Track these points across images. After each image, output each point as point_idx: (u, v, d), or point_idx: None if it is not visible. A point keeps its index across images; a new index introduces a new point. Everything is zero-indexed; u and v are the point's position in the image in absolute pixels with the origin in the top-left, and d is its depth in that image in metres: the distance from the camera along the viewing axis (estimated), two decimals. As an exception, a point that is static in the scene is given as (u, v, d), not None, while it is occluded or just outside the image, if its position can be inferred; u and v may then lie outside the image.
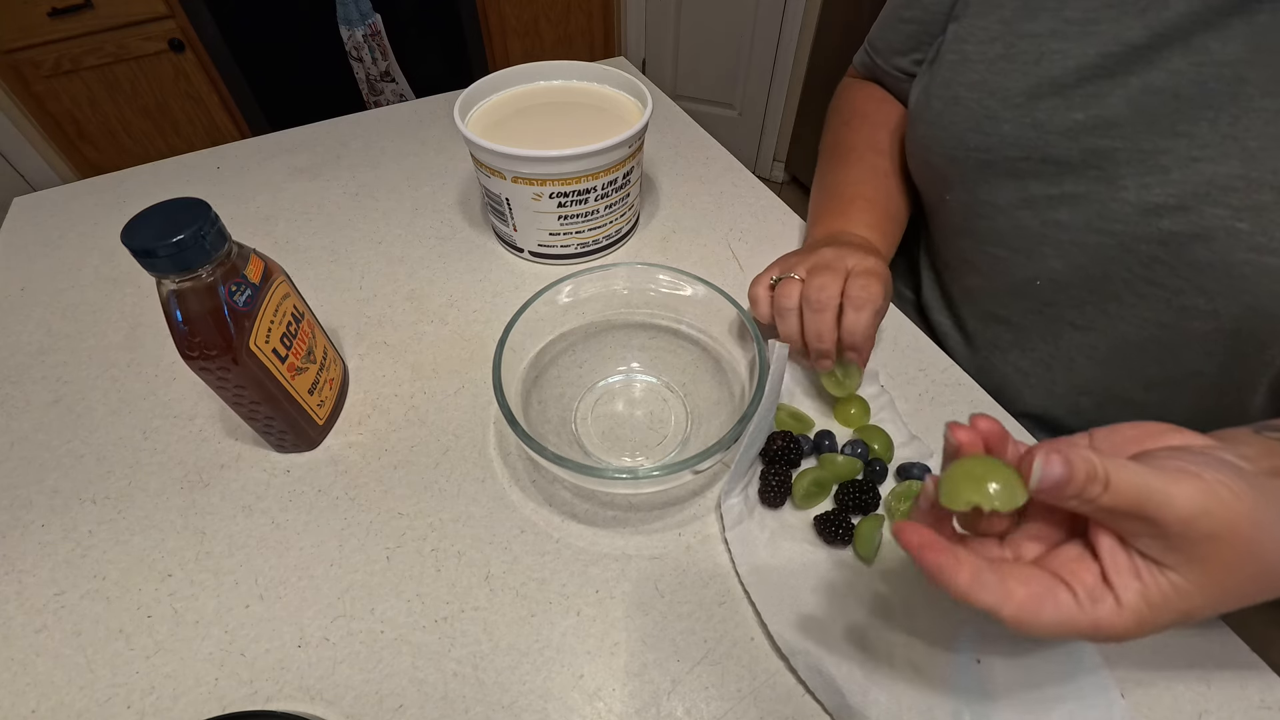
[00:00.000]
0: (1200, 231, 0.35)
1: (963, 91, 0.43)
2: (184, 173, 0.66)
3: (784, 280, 0.42)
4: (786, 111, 1.94)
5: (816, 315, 0.39)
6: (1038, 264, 0.43)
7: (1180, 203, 0.35)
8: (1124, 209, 0.37)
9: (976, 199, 0.45)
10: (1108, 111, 0.37)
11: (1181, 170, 0.35)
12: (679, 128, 0.71)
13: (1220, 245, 0.34)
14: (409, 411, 0.44)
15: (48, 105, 1.45)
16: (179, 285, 0.32)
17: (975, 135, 0.42)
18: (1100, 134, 0.37)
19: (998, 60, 0.41)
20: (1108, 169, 0.38)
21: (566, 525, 0.38)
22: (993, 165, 0.42)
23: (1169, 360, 0.40)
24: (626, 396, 0.45)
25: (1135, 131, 0.36)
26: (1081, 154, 0.38)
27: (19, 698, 0.32)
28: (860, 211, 0.50)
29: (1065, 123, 0.38)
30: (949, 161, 0.45)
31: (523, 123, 0.53)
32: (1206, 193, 0.34)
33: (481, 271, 0.55)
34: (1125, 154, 0.37)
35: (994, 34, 0.41)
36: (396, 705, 0.32)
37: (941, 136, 0.44)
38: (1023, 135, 0.40)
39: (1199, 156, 0.34)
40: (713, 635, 0.34)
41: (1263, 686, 0.32)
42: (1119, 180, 0.37)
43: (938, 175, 0.47)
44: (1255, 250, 0.33)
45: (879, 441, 0.40)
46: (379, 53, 1.68)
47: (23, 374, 0.47)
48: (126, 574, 0.37)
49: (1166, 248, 0.36)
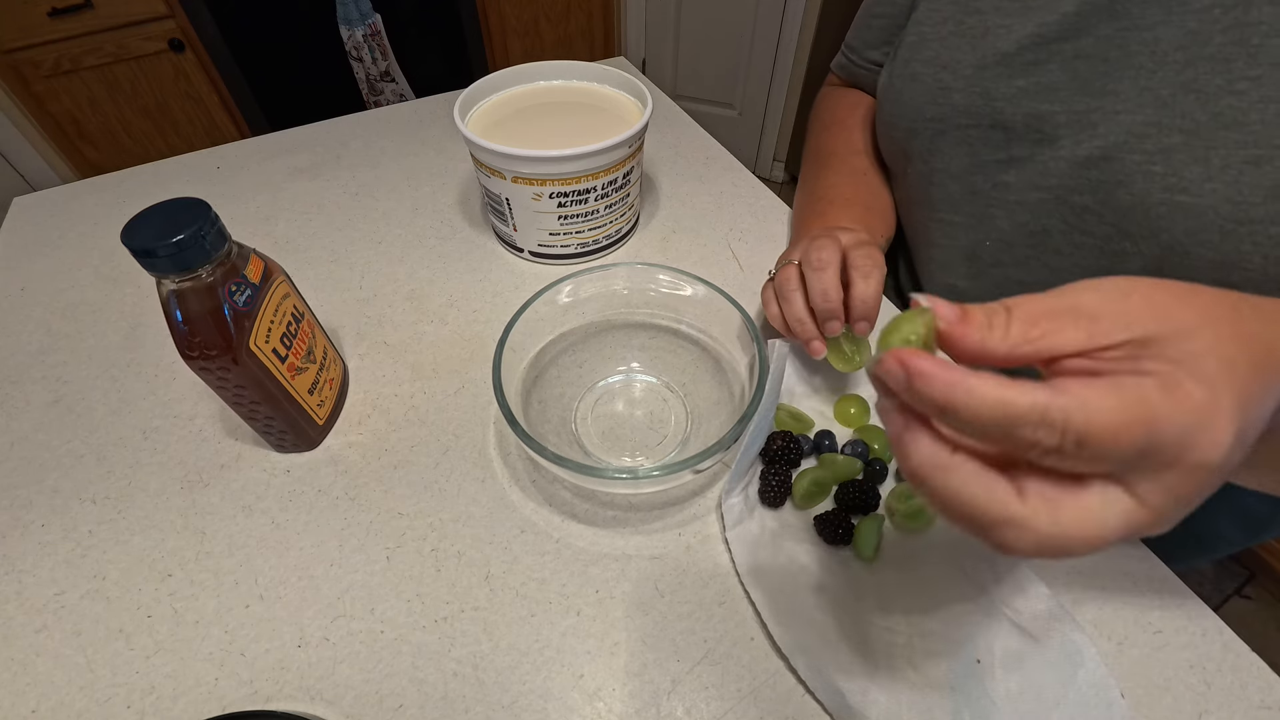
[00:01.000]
0: (1122, 178, 0.37)
1: (919, 68, 0.46)
2: (184, 173, 0.66)
3: (781, 268, 0.43)
4: (786, 111, 1.94)
5: (818, 274, 0.40)
6: (987, 225, 0.46)
7: (1105, 153, 0.38)
8: (1060, 165, 0.40)
9: (932, 167, 0.47)
10: (1046, 77, 0.40)
11: (1107, 124, 0.38)
12: (679, 128, 0.71)
13: (1138, 188, 0.36)
14: (409, 411, 0.44)
15: (48, 105, 1.45)
16: (179, 285, 0.32)
17: (930, 106, 0.45)
18: (1040, 98, 0.40)
19: (949, 37, 0.44)
20: (1047, 130, 0.40)
21: (566, 525, 0.38)
22: (946, 134, 0.45)
23: None
24: (626, 396, 0.45)
25: (1070, 94, 0.39)
26: (1024, 118, 0.41)
27: (19, 698, 0.32)
28: (839, 210, 0.52)
29: (1009, 90, 0.41)
30: (909, 135, 0.48)
31: (523, 123, 0.53)
32: (1125, 141, 0.37)
33: (481, 271, 0.55)
34: (1062, 115, 0.40)
35: (946, 14, 0.45)
36: (396, 705, 0.32)
37: (902, 111, 0.48)
38: (972, 103, 0.43)
39: (1121, 110, 0.37)
40: (713, 635, 0.34)
41: (1263, 686, 0.32)
42: (1057, 140, 0.40)
43: (899, 149, 0.50)
44: (1168, 190, 0.35)
45: (879, 441, 0.40)
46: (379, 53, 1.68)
47: (23, 374, 0.47)
48: (126, 574, 0.37)
49: (1095, 196, 0.39)
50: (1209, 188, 0.34)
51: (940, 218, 0.49)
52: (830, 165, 0.57)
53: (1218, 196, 0.33)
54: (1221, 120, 0.33)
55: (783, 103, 1.93)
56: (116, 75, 1.47)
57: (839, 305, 0.40)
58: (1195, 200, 0.34)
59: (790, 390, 0.44)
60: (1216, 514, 0.50)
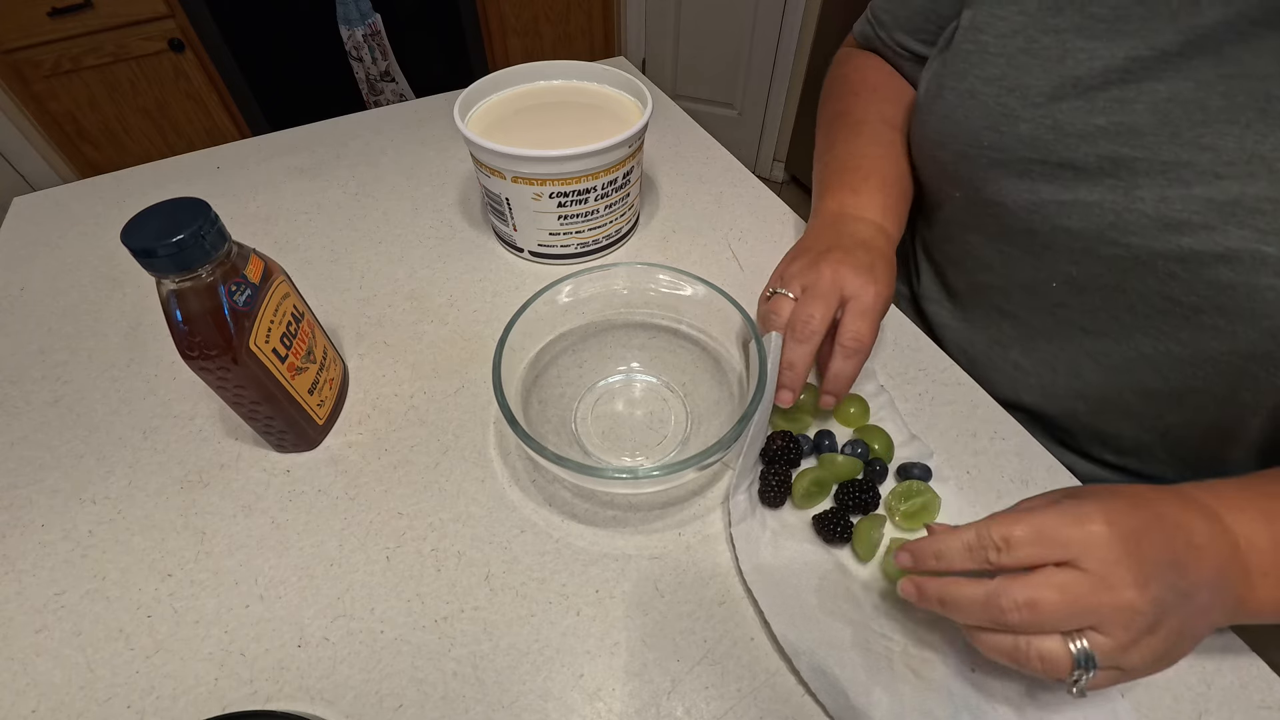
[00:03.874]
0: (1224, 252, 0.33)
1: (979, 85, 0.41)
2: (184, 173, 0.66)
3: (777, 296, 0.41)
4: (786, 111, 1.94)
5: (796, 345, 0.38)
6: (1050, 267, 0.42)
7: (1204, 221, 0.34)
8: (1141, 221, 0.36)
9: (984, 198, 0.43)
10: (1130, 118, 0.35)
11: (1204, 186, 0.33)
12: (679, 128, 0.71)
13: (1244, 268, 0.33)
14: (409, 411, 0.44)
15: (48, 105, 1.45)
16: (179, 285, 0.32)
17: (990, 133, 0.41)
18: (1121, 141, 0.36)
19: (1018, 55, 0.39)
20: (1125, 178, 0.36)
21: (566, 525, 0.38)
22: (1004, 165, 0.41)
23: (1175, 375, 0.39)
24: (626, 396, 0.45)
25: (1157, 141, 0.35)
26: (1099, 160, 0.37)
27: (19, 698, 0.32)
28: (874, 190, 0.48)
29: (1086, 127, 0.37)
30: (959, 158, 0.44)
31: (523, 123, 0.53)
32: (1232, 213, 0.33)
33: (481, 271, 0.55)
34: (1145, 164, 0.35)
35: (1015, 26, 0.39)
36: (396, 705, 0.32)
37: (955, 132, 0.43)
38: (1040, 136, 0.39)
39: (1223, 174, 0.33)
40: (713, 635, 0.34)
41: (1263, 686, 0.32)
42: (1136, 191, 0.36)
43: (943, 171, 0.46)
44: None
45: (879, 441, 0.40)
46: (379, 53, 1.68)
47: (23, 374, 0.47)
48: (126, 574, 0.37)
49: (1186, 265, 0.35)
50: None
51: (999, 247, 0.45)
52: (862, 133, 0.52)
53: None
54: None
55: (783, 103, 1.93)
56: (116, 75, 1.47)
57: (801, 380, 0.38)
58: None
59: None
60: None
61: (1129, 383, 0.42)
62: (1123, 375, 0.42)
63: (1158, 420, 0.42)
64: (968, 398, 0.45)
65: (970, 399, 0.45)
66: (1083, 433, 0.47)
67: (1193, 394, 0.39)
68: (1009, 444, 0.42)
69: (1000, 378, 0.49)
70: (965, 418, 0.44)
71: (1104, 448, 0.47)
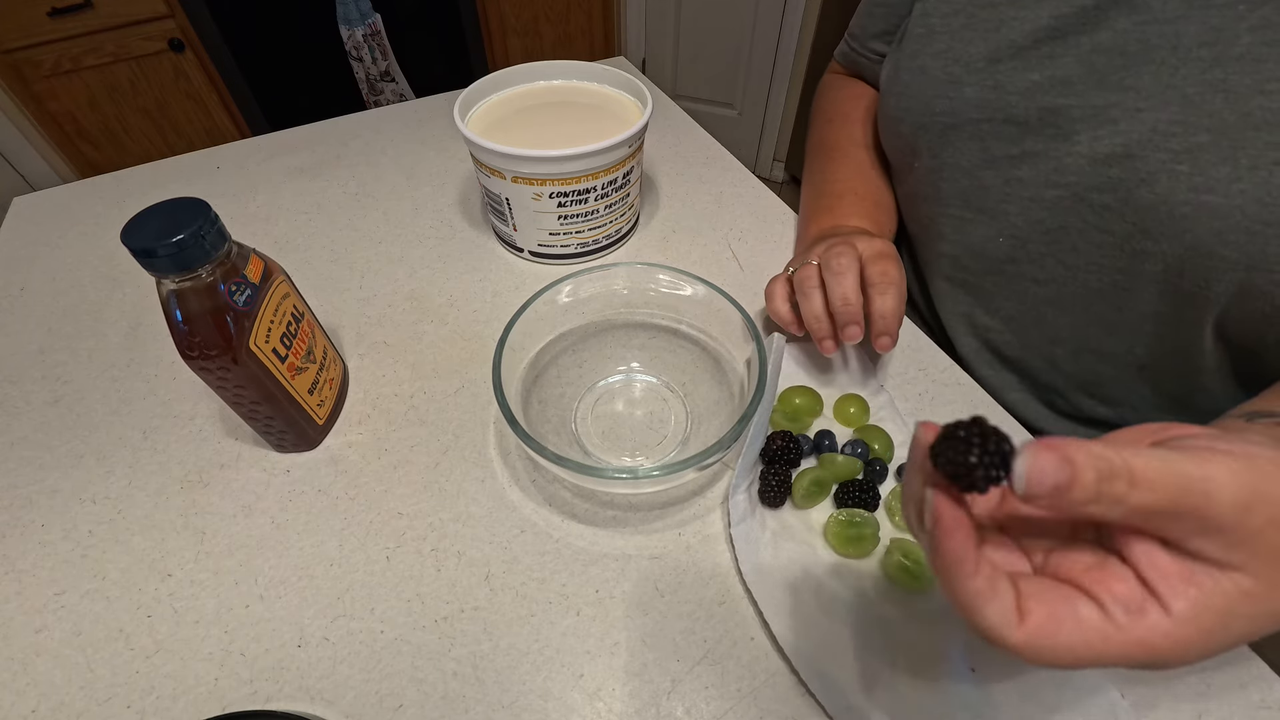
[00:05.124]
0: (1144, 176, 0.36)
1: (928, 61, 0.45)
2: (184, 173, 0.66)
3: (802, 266, 0.43)
4: (786, 111, 1.94)
5: (838, 278, 0.40)
6: (1000, 222, 0.45)
7: (1126, 151, 0.37)
8: (1077, 162, 0.39)
9: (942, 162, 0.47)
10: (1061, 70, 0.39)
11: (1128, 121, 0.37)
12: (679, 128, 0.71)
13: (1162, 187, 0.36)
14: (409, 411, 0.44)
15: (48, 105, 1.45)
16: (179, 285, 0.32)
17: (941, 100, 0.44)
18: (1056, 93, 0.39)
19: (961, 30, 0.43)
20: (1063, 125, 0.40)
21: (566, 525, 0.38)
22: (957, 128, 0.44)
23: (1127, 304, 0.42)
24: (626, 396, 0.45)
25: (1087, 88, 0.38)
26: (1039, 112, 0.40)
27: (19, 698, 0.32)
28: (849, 205, 0.52)
29: (1023, 83, 0.41)
30: (917, 129, 0.47)
31: (523, 123, 0.53)
32: (1149, 139, 0.36)
33: (481, 271, 0.55)
34: (1078, 110, 0.39)
35: (957, 6, 0.44)
36: (396, 705, 0.32)
37: (910, 105, 0.47)
38: (984, 97, 0.42)
39: (1143, 106, 0.36)
40: (713, 635, 0.34)
41: (1263, 686, 0.32)
42: (1073, 136, 0.39)
43: (906, 144, 0.49)
44: (1194, 190, 0.35)
45: (879, 441, 0.40)
46: (379, 52, 1.68)
47: (23, 374, 0.47)
48: (126, 574, 0.37)
49: (1115, 194, 0.38)
50: (1237, 188, 0.33)
51: (950, 213, 0.48)
52: (834, 158, 0.56)
53: (1246, 197, 0.33)
54: (1251, 121, 0.33)
55: (783, 103, 1.93)
56: (116, 75, 1.47)
57: (859, 310, 0.40)
58: (1222, 201, 0.34)
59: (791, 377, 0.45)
60: None
61: (1090, 320, 0.44)
62: (1082, 313, 0.44)
63: (1129, 354, 0.44)
64: (968, 398, 0.45)
65: (970, 399, 0.45)
66: (1067, 384, 0.49)
67: (1146, 321, 0.42)
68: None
69: (977, 344, 0.52)
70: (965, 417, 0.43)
71: (1092, 399, 0.49)
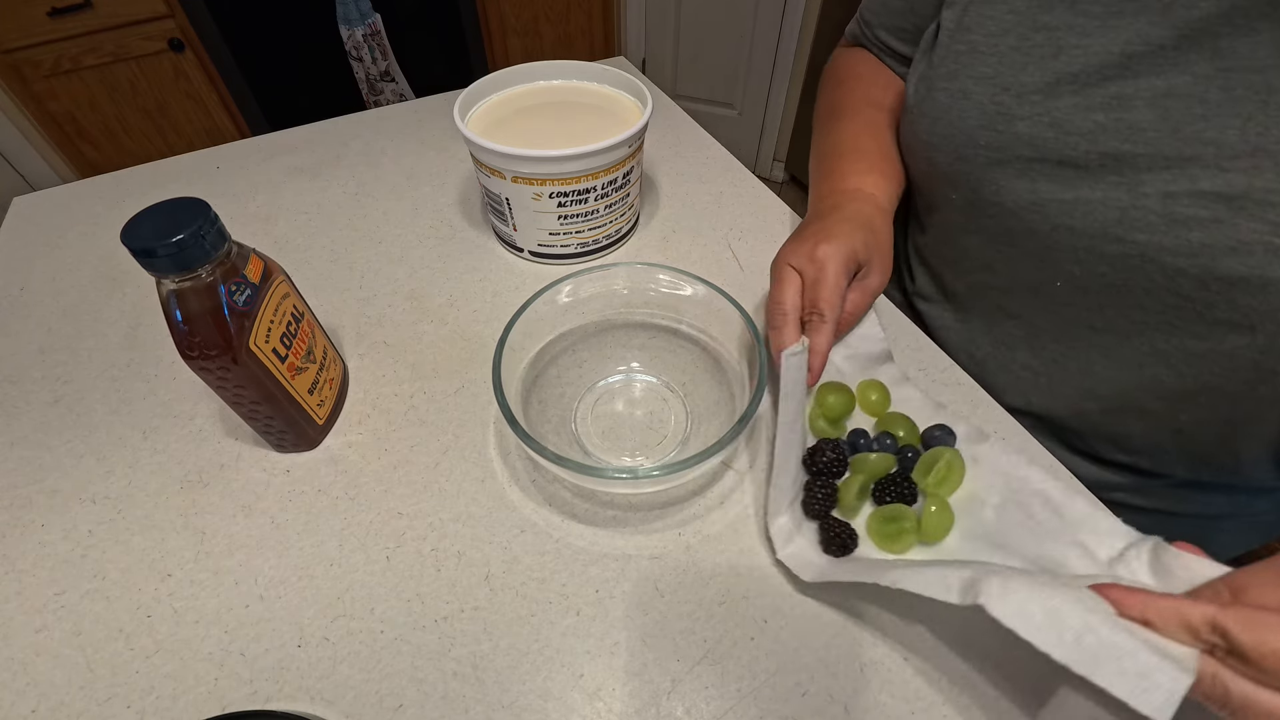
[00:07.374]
0: (1235, 245, 0.33)
1: (971, 85, 0.41)
2: (184, 173, 0.66)
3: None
4: (786, 111, 1.94)
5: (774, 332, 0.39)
6: (1054, 267, 0.41)
7: (1212, 215, 0.33)
8: (1148, 218, 0.35)
9: (982, 199, 0.43)
10: (1130, 114, 0.35)
11: (1210, 181, 0.33)
12: (679, 128, 0.71)
13: (1257, 260, 0.32)
14: (409, 411, 0.44)
15: (48, 105, 1.45)
16: (179, 285, 0.32)
17: (986, 133, 0.40)
18: (1122, 137, 0.35)
19: (1010, 53, 0.39)
20: (1128, 175, 0.36)
21: (566, 525, 0.38)
22: (1004, 165, 0.40)
23: (1190, 371, 0.38)
24: (626, 396, 0.45)
25: (1159, 137, 0.34)
26: (1100, 157, 0.36)
27: (19, 698, 0.32)
28: (849, 164, 0.48)
29: (1085, 123, 0.37)
30: (956, 159, 0.43)
31: (523, 123, 0.53)
32: (1241, 206, 0.32)
33: (481, 271, 0.55)
34: (1147, 160, 0.35)
35: (1005, 25, 0.39)
36: (396, 705, 0.32)
37: (949, 133, 0.43)
38: (1039, 134, 0.38)
39: (1229, 167, 0.33)
40: (713, 635, 0.34)
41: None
42: (1140, 188, 0.35)
43: (941, 173, 0.45)
44: None
45: (903, 428, 0.39)
46: (379, 52, 1.68)
47: (23, 374, 0.47)
48: (126, 574, 0.37)
49: (1195, 260, 0.34)
50: None
51: (999, 250, 0.44)
52: (844, 117, 0.53)
53: None
54: None
55: (783, 103, 1.93)
56: (116, 75, 1.47)
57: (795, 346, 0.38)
58: None
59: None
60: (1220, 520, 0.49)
61: (1142, 379, 0.41)
62: (1135, 371, 0.41)
63: (1171, 418, 0.41)
64: (968, 398, 0.45)
65: (970, 399, 0.45)
66: (1092, 433, 0.47)
67: (1208, 391, 0.38)
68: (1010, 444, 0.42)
69: (1008, 380, 0.48)
70: (965, 418, 0.43)
71: (1114, 448, 0.46)
